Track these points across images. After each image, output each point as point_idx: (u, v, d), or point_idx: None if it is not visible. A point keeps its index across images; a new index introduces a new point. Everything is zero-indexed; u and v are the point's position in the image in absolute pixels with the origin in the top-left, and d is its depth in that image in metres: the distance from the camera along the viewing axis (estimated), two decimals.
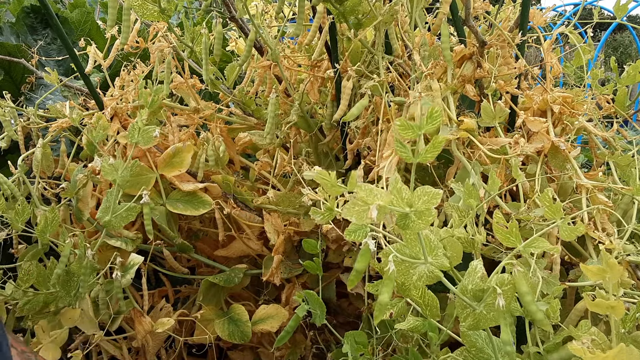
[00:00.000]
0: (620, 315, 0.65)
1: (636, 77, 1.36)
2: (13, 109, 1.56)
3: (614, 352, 0.60)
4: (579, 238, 1.12)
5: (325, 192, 0.70)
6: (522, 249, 0.73)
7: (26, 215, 1.18)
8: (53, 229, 1.16)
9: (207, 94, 1.93)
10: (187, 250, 1.49)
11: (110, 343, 1.37)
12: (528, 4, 1.21)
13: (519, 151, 1.12)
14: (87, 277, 1.16)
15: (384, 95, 1.23)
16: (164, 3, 1.27)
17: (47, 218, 1.14)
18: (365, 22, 1.27)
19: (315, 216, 0.70)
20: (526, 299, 0.67)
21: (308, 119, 1.46)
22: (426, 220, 0.56)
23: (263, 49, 1.42)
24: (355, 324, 1.45)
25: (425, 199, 0.57)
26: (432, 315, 0.84)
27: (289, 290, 1.48)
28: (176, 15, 1.74)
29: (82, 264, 1.16)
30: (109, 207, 1.18)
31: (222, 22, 1.36)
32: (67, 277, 1.16)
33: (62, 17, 2.11)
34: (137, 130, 1.21)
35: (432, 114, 0.60)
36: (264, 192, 1.50)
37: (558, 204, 0.78)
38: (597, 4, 1.55)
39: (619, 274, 0.66)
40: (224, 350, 1.60)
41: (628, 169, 1.17)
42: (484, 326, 0.68)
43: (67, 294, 1.16)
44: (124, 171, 1.19)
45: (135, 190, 1.28)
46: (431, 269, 0.63)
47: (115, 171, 1.20)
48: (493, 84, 1.22)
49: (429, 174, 1.30)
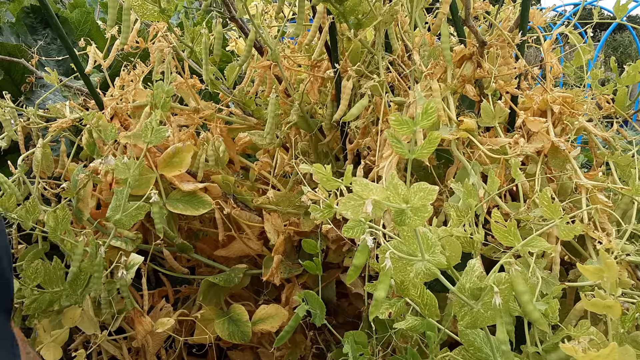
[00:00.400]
0: (617, 315, 0.65)
1: (636, 77, 1.36)
2: (13, 109, 1.56)
3: (605, 351, 0.60)
4: (579, 238, 1.12)
5: (324, 190, 0.70)
6: (521, 248, 0.73)
7: (36, 214, 1.20)
8: (64, 227, 1.17)
9: (207, 94, 1.94)
10: (187, 250, 1.49)
11: (110, 343, 1.37)
12: (528, 4, 1.21)
13: (519, 151, 1.12)
14: (99, 274, 1.17)
15: (384, 95, 1.23)
16: (164, 3, 1.27)
17: (57, 216, 1.15)
18: (365, 22, 1.27)
19: (314, 213, 0.70)
20: (523, 298, 0.67)
21: (308, 119, 1.46)
22: (422, 216, 0.56)
23: (263, 49, 1.42)
24: (355, 324, 1.44)
25: (422, 195, 0.57)
26: (431, 314, 0.84)
27: (289, 290, 1.48)
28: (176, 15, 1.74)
29: (95, 262, 1.17)
30: (120, 206, 1.18)
31: (222, 22, 1.36)
32: (74, 276, 1.17)
33: (62, 17, 2.11)
34: (150, 130, 1.21)
35: (427, 110, 0.60)
36: (264, 192, 1.50)
37: (556, 204, 0.78)
38: (597, 4, 1.55)
39: (617, 274, 0.66)
40: (224, 350, 1.60)
41: (628, 169, 1.17)
42: (482, 325, 0.68)
43: (73, 292, 1.17)
44: (135, 170, 1.20)
45: (138, 190, 1.28)
46: (428, 266, 0.63)
47: (127, 170, 1.20)
48: (493, 84, 1.22)
49: (429, 173, 1.30)
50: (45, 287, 1.14)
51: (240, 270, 1.48)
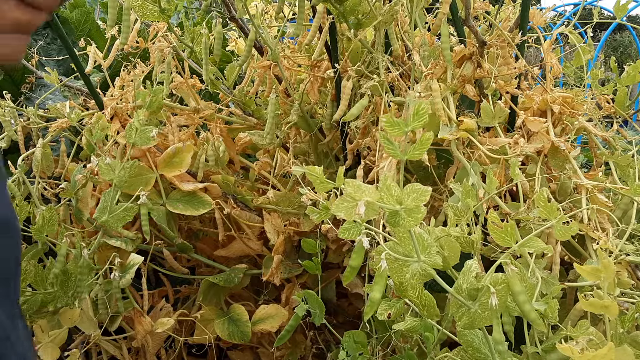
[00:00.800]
0: (615, 315, 0.64)
1: (636, 77, 1.36)
2: (13, 109, 1.56)
3: (602, 351, 0.60)
4: (579, 238, 1.12)
5: (322, 190, 0.70)
6: (518, 249, 0.72)
7: (24, 214, 1.18)
8: (51, 228, 1.15)
9: (207, 94, 1.93)
10: (187, 250, 1.49)
11: (110, 343, 1.37)
12: (528, 4, 1.21)
13: (519, 151, 1.12)
14: (84, 276, 1.16)
15: (384, 95, 1.23)
16: (164, 3, 1.27)
17: (44, 217, 1.14)
18: (365, 22, 1.26)
19: (312, 215, 0.70)
20: (520, 298, 0.67)
21: (308, 119, 1.46)
22: (416, 217, 0.56)
23: (263, 49, 1.42)
24: (355, 324, 1.45)
25: (415, 196, 0.57)
26: (430, 315, 0.84)
27: (289, 290, 1.48)
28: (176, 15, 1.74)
29: (79, 263, 1.16)
30: (106, 207, 1.18)
31: (222, 22, 1.36)
32: (65, 277, 1.16)
33: (62, 17, 2.11)
34: (134, 131, 1.21)
35: (419, 111, 0.60)
36: (264, 192, 1.50)
37: (553, 204, 0.78)
38: (597, 4, 1.54)
39: (614, 274, 0.66)
40: (224, 350, 1.60)
41: (628, 169, 1.16)
42: (479, 325, 0.68)
43: (64, 294, 1.15)
44: (121, 171, 1.19)
45: (135, 190, 1.28)
46: (424, 267, 0.63)
47: (112, 171, 1.20)
48: (493, 84, 1.22)
49: (429, 174, 1.30)
50: (37, 287, 1.13)
51: (240, 270, 1.48)
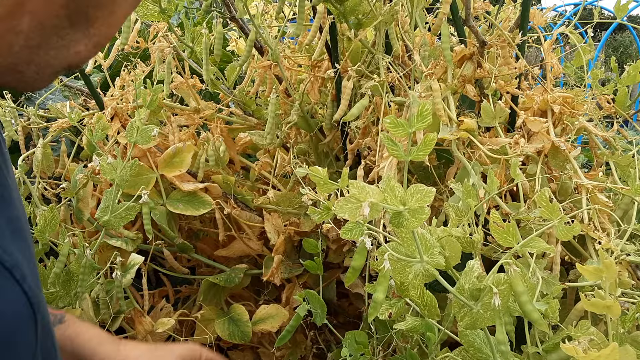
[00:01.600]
0: (617, 315, 0.64)
1: (636, 77, 1.36)
2: (13, 109, 1.56)
3: (606, 351, 0.60)
4: (580, 238, 1.12)
5: (322, 191, 0.70)
6: (519, 249, 0.72)
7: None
8: (52, 228, 1.15)
9: (208, 94, 1.93)
10: (187, 250, 1.49)
11: None
12: (528, 4, 1.21)
13: (519, 151, 1.12)
14: (86, 276, 1.16)
15: (384, 95, 1.23)
16: (165, 3, 1.27)
17: (46, 218, 1.14)
18: (366, 22, 1.26)
19: (313, 215, 0.70)
20: (522, 298, 0.67)
21: (308, 119, 1.46)
22: (420, 218, 0.56)
23: (263, 49, 1.42)
24: (356, 324, 1.44)
25: (419, 197, 0.56)
26: (431, 315, 0.84)
27: (290, 290, 1.48)
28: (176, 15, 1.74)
29: (81, 263, 1.16)
30: (108, 207, 1.18)
31: (223, 22, 1.36)
32: (67, 277, 1.16)
33: None
34: (135, 130, 1.21)
35: (423, 112, 0.60)
36: (264, 192, 1.50)
37: (555, 204, 0.78)
38: (597, 4, 1.55)
39: (615, 274, 0.66)
40: (225, 350, 1.60)
41: (628, 169, 1.17)
42: (481, 325, 0.68)
43: (67, 294, 1.16)
44: (123, 170, 1.19)
45: (136, 190, 1.28)
46: (427, 267, 0.63)
47: (114, 170, 1.20)
48: (493, 84, 1.22)
49: (430, 174, 1.30)
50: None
51: (241, 270, 1.48)
